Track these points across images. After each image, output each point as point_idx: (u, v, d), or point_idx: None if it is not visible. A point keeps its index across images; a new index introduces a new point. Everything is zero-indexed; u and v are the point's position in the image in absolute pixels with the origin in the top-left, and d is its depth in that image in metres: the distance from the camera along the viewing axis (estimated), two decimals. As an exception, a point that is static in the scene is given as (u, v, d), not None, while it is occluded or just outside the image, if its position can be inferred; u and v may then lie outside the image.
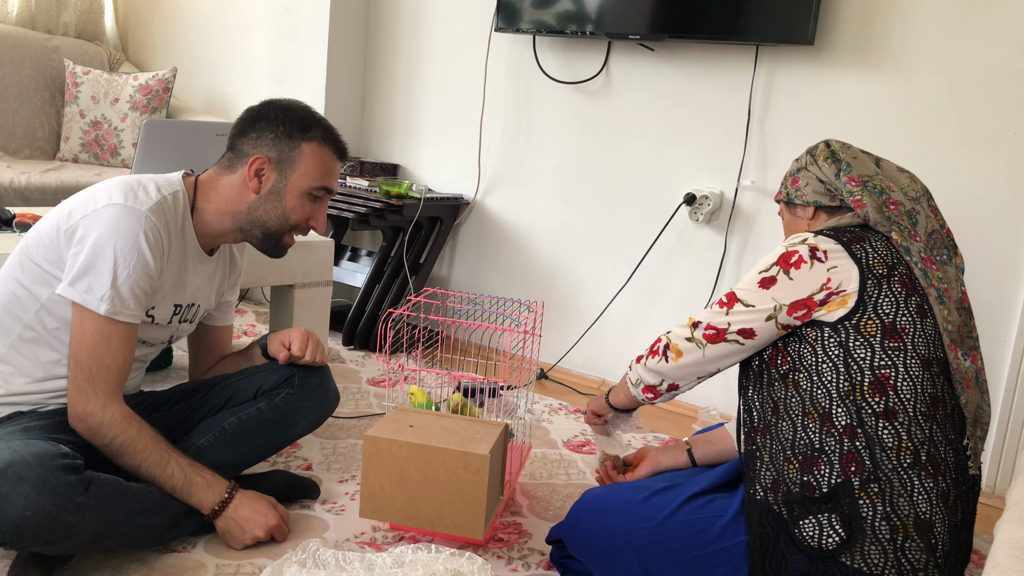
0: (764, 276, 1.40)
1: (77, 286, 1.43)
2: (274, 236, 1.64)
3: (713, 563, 1.35)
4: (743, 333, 1.40)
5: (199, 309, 1.72)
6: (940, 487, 1.28)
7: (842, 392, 1.31)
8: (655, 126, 2.67)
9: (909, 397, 1.30)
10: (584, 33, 2.64)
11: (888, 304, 1.33)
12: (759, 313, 1.39)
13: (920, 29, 2.20)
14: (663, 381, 1.50)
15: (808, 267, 1.37)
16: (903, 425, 1.29)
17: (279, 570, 1.42)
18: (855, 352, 1.32)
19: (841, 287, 1.34)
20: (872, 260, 1.35)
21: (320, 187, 1.63)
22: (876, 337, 1.32)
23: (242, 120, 1.63)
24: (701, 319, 1.45)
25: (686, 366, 1.46)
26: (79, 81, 3.40)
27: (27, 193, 2.84)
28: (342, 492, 1.85)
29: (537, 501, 1.91)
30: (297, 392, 1.74)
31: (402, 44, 3.25)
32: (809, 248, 1.38)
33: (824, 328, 1.35)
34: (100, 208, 1.45)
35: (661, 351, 1.48)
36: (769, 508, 1.32)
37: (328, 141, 1.63)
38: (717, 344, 1.42)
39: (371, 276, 3.01)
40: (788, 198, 1.58)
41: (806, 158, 1.55)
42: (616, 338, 2.80)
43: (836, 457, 1.29)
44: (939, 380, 1.34)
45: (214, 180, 1.63)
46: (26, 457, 1.27)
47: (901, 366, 1.31)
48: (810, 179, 1.53)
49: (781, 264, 1.39)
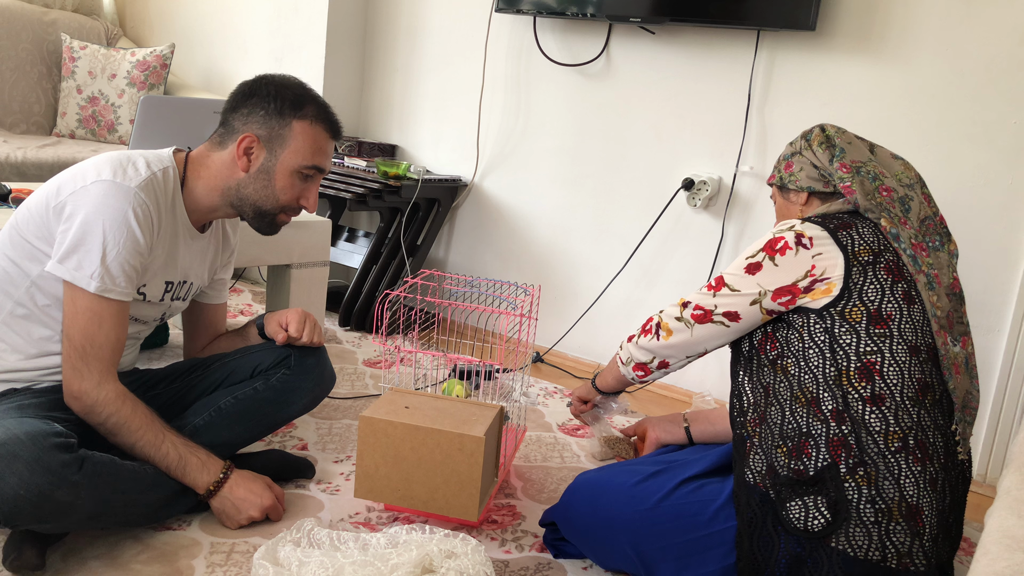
0: (751, 262, 1.43)
1: (66, 263, 1.43)
2: (266, 215, 1.63)
3: (705, 546, 1.36)
4: (728, 316, 1.44)
5: (191, 286, 1.71)
6: (928, 472, 1.29)
7: (829, 378, 1.33)
8: (655, 110, 2.66)
9: (896, 383, 1.31)
10: (585, 15, 2.62)
11: (873, 291, 1.35)
12: (744, 297, 1.42)
13: (922, 17, 2.19)
14: (654, 358, 1.54)
15: (793, 253, 1.39)
16: (890, 410, 1.30)
17: (274, 549, 1.43)
18: (841, 338, 1.34)
19: (825, 274, 1.36)
20: (858, 247, 1.37)
21: (310, 166, 1.60)
22: (861, 324, 1.34)
23: (235, 95, 1.61)
24: (690, 300, 1.50)
25: (675, 345, 1.51)
26: (76, 56, 3.38)
27: (23, 168, 2.82)
28: (337, 472, 1.86)
29: (531, 484, 1.92)
30: (293, 372, 1.74)
31: (402, 23, 3.23)
32: (795, 235, 1.40)
33: (810, 315, 1.37)
34: (89, 185, 1.44)
35: (653, 329, 1.53)
36: (758, 490, 1.33)
37: (321, 119, 1.60)
38: (704, 325, 1.47)
39: (368, 257, 3.01)
40: (781, 182, 1.58)
41: (800, 142, 1.55)
42: (612, 322, 2.80)
43: (823, 441, 1.30)
44: (927, 366, 1.35)
45: (205, 156, 1.61)
46: (20, 436, 1.27)
47: (887, 352, 1.32)
48: (804, 164, 1.54)
49: (767, 250, 1.42)
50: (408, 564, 1.37)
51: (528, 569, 1.56)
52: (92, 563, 1.42)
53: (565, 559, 1.60)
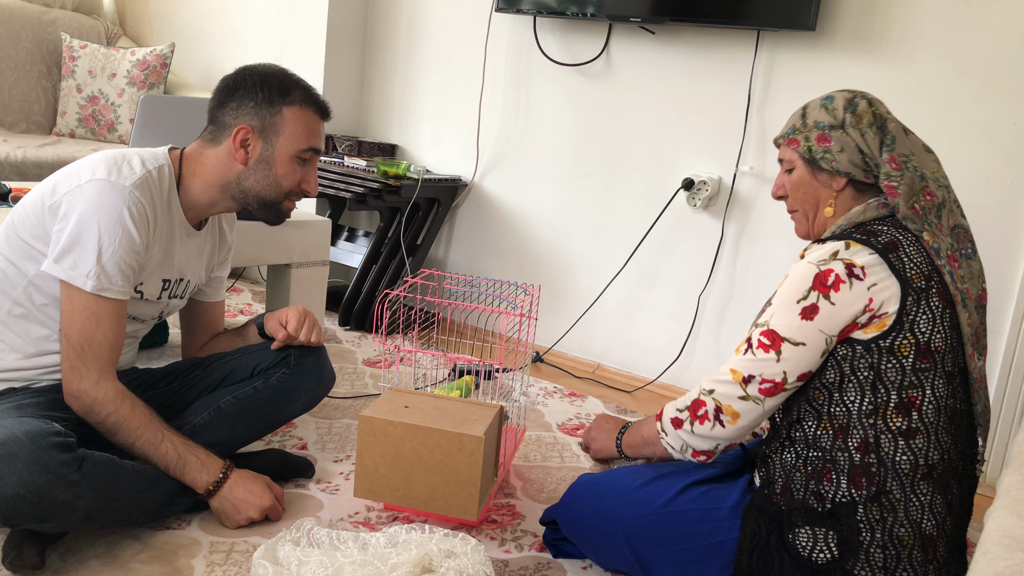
0: (804, 305, 1.26)
1: (62, 263, 1.43)
2: (271, 205, 1.63)
3: (706, 556, 1.34)
4: (802, 378, 1.29)
5: (189, 284, 1.71)
6: (948, 498, 1.26)
7: (864, 413, 1.26)
8: (654, 110, 2.66)
9: (932, 419, 1.25)
10: (585, 15, 2.62)
11: (925, 322, 1.24)
12: (812, 351, 1.27)
13: (922, 17, 2.19)
14: (718, 445, 1.37)
15: (847, 287, 1.25)
16: (921, 445, 1.24)
17: (273, 548, 1.43)
18: (885, 374, 1.24)
19: (882, 309, 1.24)
20: (910, 272, 1.25)
21: (308, 149, 1.61)
22: (908, 358, 1.24)
23: (219, 90, 1.60)
24: (752, 372, 1.30)
25: (747, 426, 1.33)
26: (76, 55, 3.38)
27: (23, 168, 2.82)
28: (337, 472, 1.86)
29: (531, 483, 1.92)
30: (293, 372, 1.74)
31: (402, 23, 3.23)
32: (845, 266, 1.25)
33: (856, 346, 1.26)
34: (83, 183, 1.44)
35: (711, 415, 1.33)
36: (771, 505, 1.30)
37: (309, 102, 1.61)
38: (776, 396, 1.30)
39: (368, 257, 3.01)
40: (811, 156, 1.37)
41: (846, 115, 1.35)
42: (612, 322, 2.80)
43: (846, 469, 1.26)
44: (959, 391, 1.28)
45: (199, 153, 1.61)
46: (18, 435, 1.27)
47: (928, 387, 1.25)
48: (847, 144, 1.34)
49: (818, 287, 1.25)
50: (407, 564, 1.36)
51: (528, 569, 1.56)
52: (91, 562, 1.42)
53: (564, 559, 1.60)
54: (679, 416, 1.38)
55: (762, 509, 1.31)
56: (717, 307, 2.59)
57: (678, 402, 1.40)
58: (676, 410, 1.39)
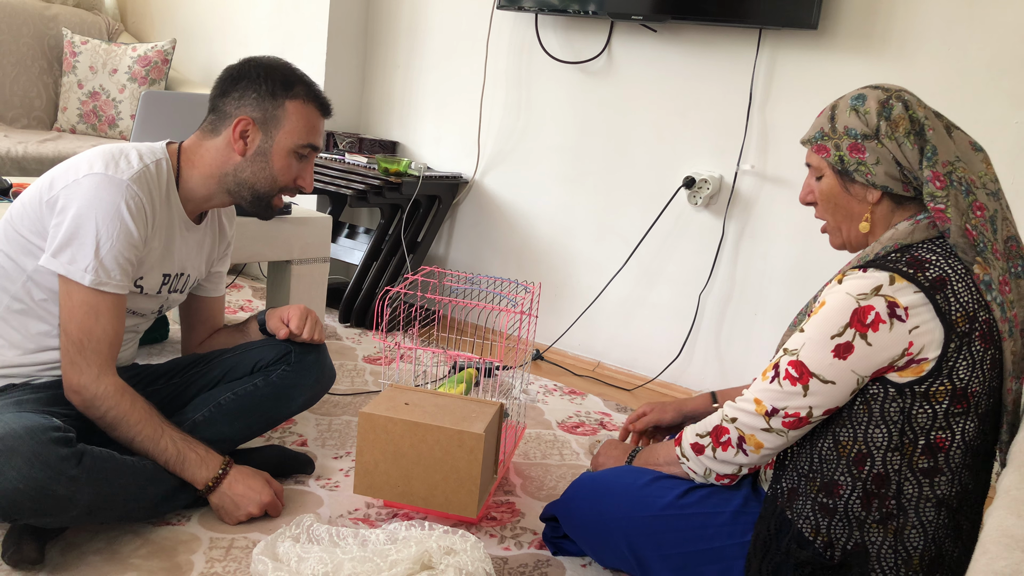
0: (839, 343, 1.18)
1: (60, 257, 1.42)
2: (264, 198, 1.62)
3: (704, 560, 1.33)
4: (827, 412, 1.24)
5: (188, 278, 1.71)
6: (959, 521, 1.23)
7: (888, 449, 1.21)
8: (656, 108, 2.66)
9: (959, 463, 1.20)
10: (587, 12, 2.62)
11: (965, 368, 1.17)
12: (842, 390, 1.21)
13: (924, 15, 2.19)
14: (741, 468, 1.32)
15: (887, 328, 1.16)
16: (940, 483, 1.21)
17: (273, 545, 1.43)
18: (916, 419, 1.19)
19: (922, 354, 1.17)
20: (956, 314, 1.16)
21: (306, 144, 1.60)
22: (943, 404, 1.18)
23: (222, 80, 1.60)
24: (777, 405, 1.24)
25: (770, 453, 1.29)
26: (77, 51, 3.38)
27: (24, 163, 2.82)
28: (336, 468, 1.86)
29: (530, 481, 1.92)
30: (293, 369, 1.74)
31: (403, 20, 3.23)
32: (887, 304, 1.16)
33: (888, 388, 1.20)
34: (80, 178, 1.44)
35: (735, 444, 1.29)
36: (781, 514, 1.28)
37: (311, 98, 1.61)
38: (800, 428, 1.25)
39: (368, 254, 3.01)
40: (844, 167, 1.27)
41: (880, 122, 1.24)
42: (612, 320, 2.80)
43: (859, 492, 1.23)
44: (989, 429, 1.23)
45: (197, 145, 1.60)
46: (18, 430, 1.27)
47: (958, 431, 1.19)
48: (884, 156, 1.24)
49: (856, 325, 1.17)
50: (407, 560, 1.37)
51: (527, 566, 1.56)
52: (91, 557, 1.42)
53: (564, 556, 1.60)
54: (700, 442, 1.33)
55: (770, 517, 1.29)
56: (718, 306, 2.59)
57: (698, 427, 1.35)
58: (696, 435, 1.34)
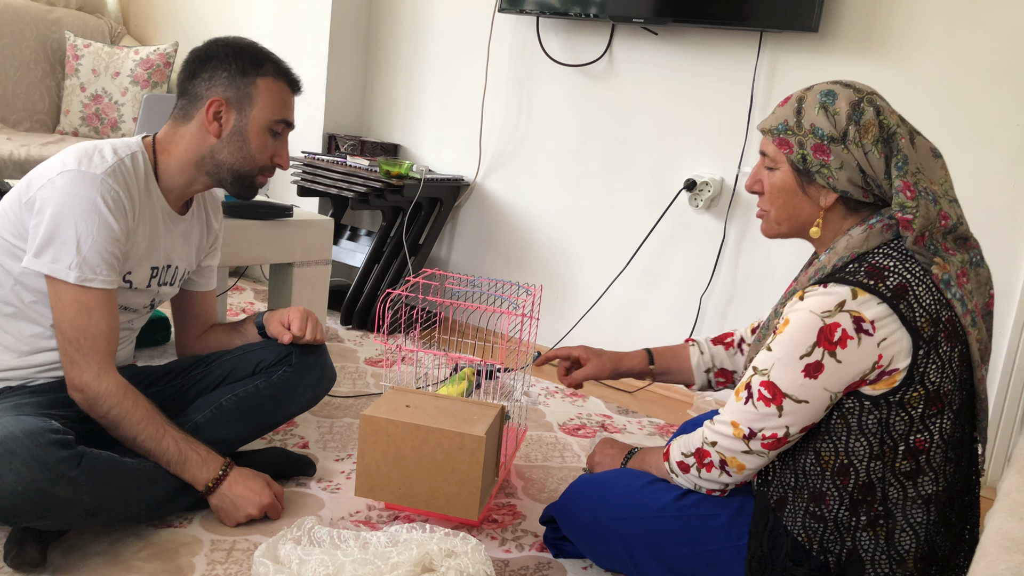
0: (808, 362, 1.18)
1: (42, 257, 1.42)
2: (245, 178, 1.62)
3: (700, 563, 1.33)
4: (804, 430, 1.24)
5: (178, 271, 1.70)
6: (947, 516, 1.24)
7: (869, 463, 1.22)
8: (657, 111, 2.66)
9: (940, 461, 1.22)
10: (588, 15, 2.62)
11: (935, 372, 1.18)
12: (815, 407, 1.21)
13: (924, 19, 2.19)
14: (728, 485, 1.33)
15: (856, 344, 1.16)
16: (924, 482, 1.22)
17: (274, 547, 1.43)
18: (894, 427, 1.20)
19: (893, 364, 1.18)
20: (920, 320, 1.17)
21: (280, 120, 1.60)
22: (918, 409, 1.19)
23: (189, 63, 1.59)
24: (753, 427, 1.24)
25: (754, 471, 1.29)
26: (80, 54, 3.38)
27: (26, 166, 2.83)
28: (338, 471, 1.86)
29: (532, 483, 1.92)
30: (294, 370, 1.74)
31: (405, 23, 3.23)
32: (853, 320, 1.16)
33: (864, 401, 1.21)
34: (55, 176, 1.43)
35: (717, 465, 1.29)
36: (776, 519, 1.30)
37: (281, 74, 1.61)
38: (780, 447, 1.26)
39: (370, 256, 3.01)
40: (807, 169, 1.25)
41: (849, 126, 1.21)
42: (613, 322, 2.80)
43: (846, 501, 1.24)
44: (966, 419, 1.25)
45: (171, 134, 1.60)
46: (16, 433, 1.28)
47: (936, 431, 1.21)
48: (848, 162, 1.22)
49: (824, 344, 1.17)
50: (408, 563, 1.37)
51: (528, 568, 1.56)
52: (93, 560, 1.42)
53: (565, 559, 1.60)
54: (685, 461, 1.34)
55: (763, 534, 1.30)
56: (719, 308, 2.59)
57: (683, 444, 1.35)
58: (682, 454, 1.34)
